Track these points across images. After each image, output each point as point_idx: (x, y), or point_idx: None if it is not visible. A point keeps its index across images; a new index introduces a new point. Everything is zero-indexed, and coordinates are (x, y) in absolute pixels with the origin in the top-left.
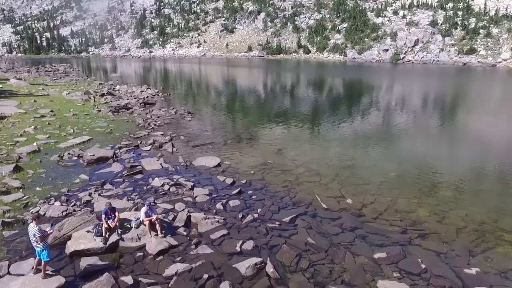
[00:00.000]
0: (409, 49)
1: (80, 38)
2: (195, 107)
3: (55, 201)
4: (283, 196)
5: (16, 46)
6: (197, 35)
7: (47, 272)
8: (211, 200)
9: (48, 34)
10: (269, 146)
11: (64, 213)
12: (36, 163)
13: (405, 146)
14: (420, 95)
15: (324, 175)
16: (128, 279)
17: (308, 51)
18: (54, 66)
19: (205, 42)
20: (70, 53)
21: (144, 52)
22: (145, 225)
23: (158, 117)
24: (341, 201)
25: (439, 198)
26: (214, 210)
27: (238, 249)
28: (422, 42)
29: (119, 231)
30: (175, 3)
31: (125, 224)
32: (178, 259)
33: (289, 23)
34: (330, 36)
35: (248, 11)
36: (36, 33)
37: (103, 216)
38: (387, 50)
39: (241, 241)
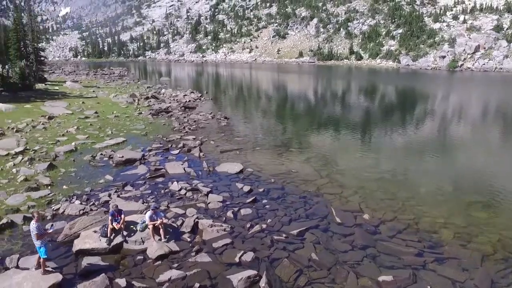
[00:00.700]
0: (469, 56)
1: (138, 43)
2: (233, 112)
3: (76, 199)
4: (299, 207)
5: (81, 51)
6: (249, 40)
7: (46, 268)
8: (223, 207)
9: (109, 40)
10: (297, 154)
11: (81, 212)
12: (70, 162)
13: (445, 161)
14: (478, 106)
15: (347, 187)
16: (122, 282)
17: (360, 58)
18: (111, 69)
19: (256, 47)
20: (128, 57)
21: (197, 57)
22: (149, 229)
23: (195, 121)
24: (358, 216)
25: (470, 219)
26: (224, 218)
27: (237, 260)
28: (484, 48)
29: (125, 233)
30: (229, 9)
31: (131, 226)
32: (175, 265)
33: (341, 29)
34: (383, 42)
35: (301, 16)
36: (99, 39)
37: (109, 217)
38: (444, 57)
39: (242, 251)
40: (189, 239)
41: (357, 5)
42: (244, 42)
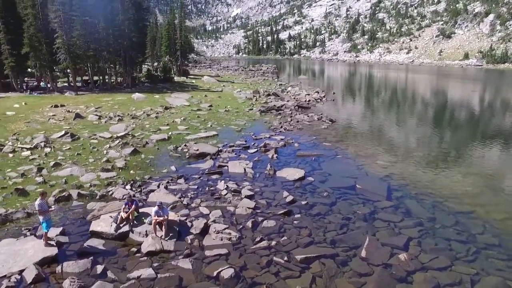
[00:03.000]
0: None
1: (295, 41)
2: (344, 116)
3: (128, 185)
4: (332, 230)
5: (242, 48)
6: (408, 40)
7: (48, 242)
8: (250, 215)
9: (269, 38)
10: (380, 169)
11: (124, 197)
12: (154, 150)
13: None
14: None
15: (412, 215)
16: (100, 268)
17: None
18: (261, 65)
19: (416, 48)
20: (284, 54)
21: (350, 57)
22: (152, 224)
23: (298, 121)
24: (394, 254)
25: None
26: (241, 226)
27: (215, 273)
28: None
29: (135, 223)
30: (391, 6)
31: (142, 218)
32: (156, 265)
33: None
34: None
35: (473, 13)
36: (260, 37)
37: (123, 206)
38: None
39: (226, 266)
40: (189, 241)
41: None
42: (403, 42)
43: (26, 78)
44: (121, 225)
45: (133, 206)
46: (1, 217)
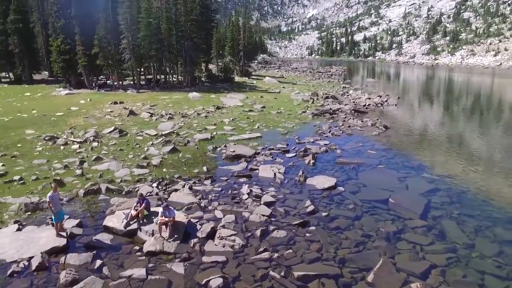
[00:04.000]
0: None
1: (370, 43)
2: (402, 123)
3: (155, 183)
4: (345, 247)
5: (316, 49)
6: (497, 41)
7: (60, 232)
8: (263, 222)
9: (343, 39)
10: (424, 183)
11: (148, 194)
12: (193, 149)
13: None
14: None
15: (446, 239)
16: (98, 263)
17: None
18: (331, 67)
19: (505, 50)
20: (358, 56)
21: (429, 59)
22: (157, 224)
23: (349, 126)
24: (408, 282)
25: None
26: (249, 234)
27: (204, 281)
28: None
29: (144, 221)
30: (480, 5)
31: (152, 217)
32: (150, 265)
33: None
34: None
35: None
36: (334, 38)
37: (135, 204)
38: None
39: (217, 275)
40: (191, 245)
41: None
42: (490, 44)
43: (101, 76)
44: (131, 222)
45: (143, 204)
46: (33, 205)
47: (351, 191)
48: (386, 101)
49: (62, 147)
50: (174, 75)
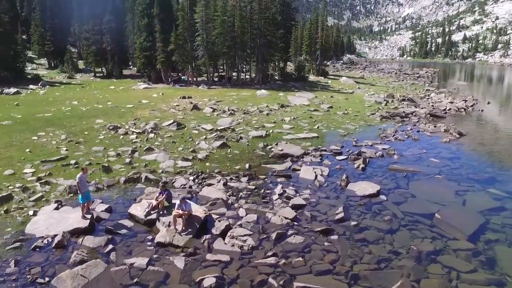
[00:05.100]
0: None
1: (470, 44)
2: (481, 131)
3: (193, 176)
4: (365, 262)
5: (408, 50)
6: None
7: (85, 213)
8: (284, 225)
9: (439, 40)
10: (488, 199)
11: (182, 187)
12: (244, 145)
13: None
14: None
15: (494, 268)
16: (108, 248)
17: None
18: (421, 69)
19: None
20: (455, 58)
21: None
22: (172, 216)
23: (418, 131)
24: None
25: None
26: (264, 236)
27: (198, 279)
28: None
29: (164, 212)
30: None
31: (172, 209)
32: (155, 256)
33: None
34: None
35: None
36: (429, 38)
37: (157, 194)
38: None
39: (213, 275)
40: (201, 241)
41: None
42: None
43: (179, 73)
44: (152, 212)
45: (164, 195)
46: (75, 187)
47: (394, 201)
48: (471, 106)
49: (121, 137)
50: (246, 72)
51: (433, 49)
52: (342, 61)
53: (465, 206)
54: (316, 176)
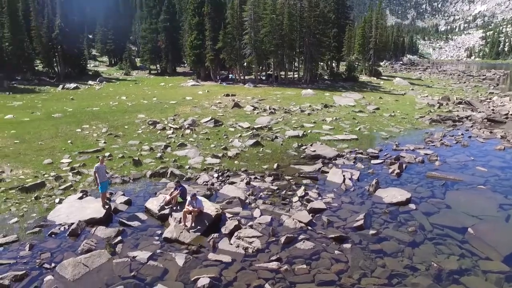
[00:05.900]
0: None
1: None
2: None
3: (217, 173)
4: (375, 276)
5: (476, 51)
6: None
7: (105, 203)
8: (297, 229)
9: None
10: None
11: (204, 183)
12: (278, 145)
13: None
14: None
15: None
16: (117, 240)
17: None
18: (489, 71)
19: None
20: None
21: None
22: (183, 212)
23: (470, 137)
24: None
25: None
26: (273, 239)
27: (194, 278)
28: None
29: (178, 208)
30: None
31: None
32: (159, 251)
33: None
34: None
35: None
36: (502, 38)
37: (171, 190)
38: None
39: (209, 275)
40: (208, 239)
41: None
42: None
43: (228, 71)
44: (166, 207)
45: (178, 191)
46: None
47: (425, 211)
48: None
49: (158, 132)
50: (294, 71)
51: (506, 49)
52: (401, 62)
53: (508, 222)
54: (344, 179)
